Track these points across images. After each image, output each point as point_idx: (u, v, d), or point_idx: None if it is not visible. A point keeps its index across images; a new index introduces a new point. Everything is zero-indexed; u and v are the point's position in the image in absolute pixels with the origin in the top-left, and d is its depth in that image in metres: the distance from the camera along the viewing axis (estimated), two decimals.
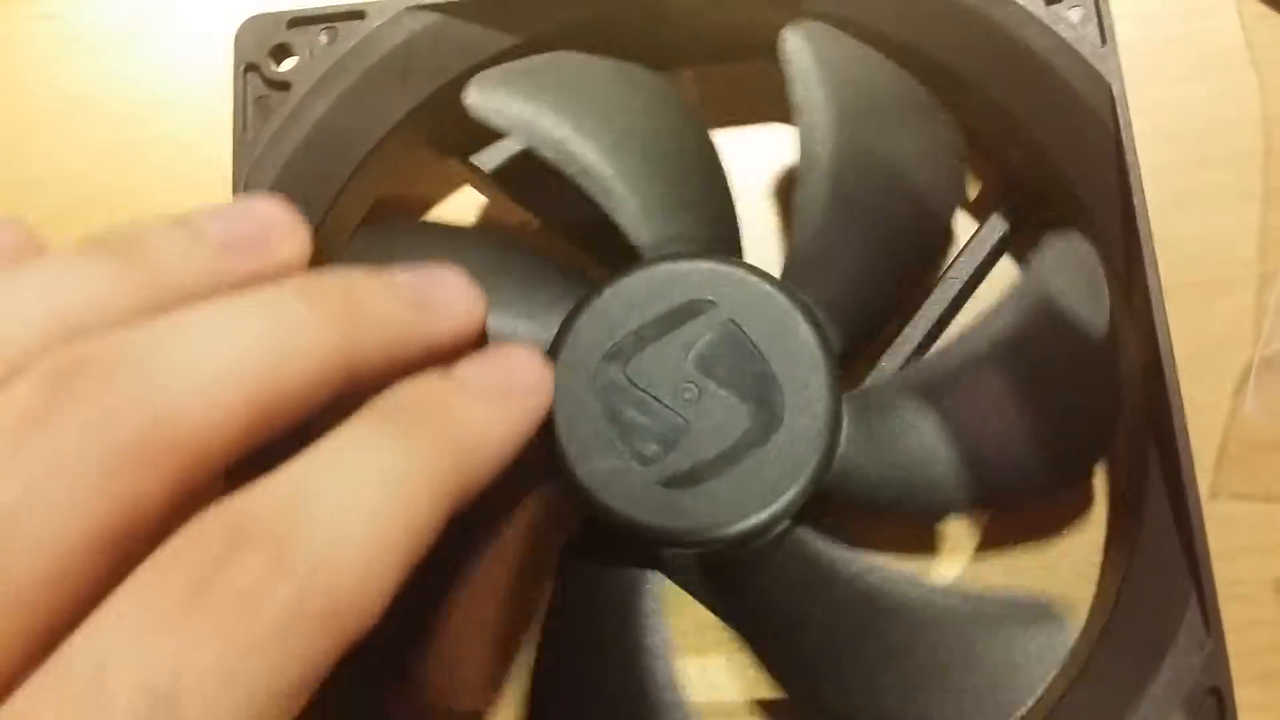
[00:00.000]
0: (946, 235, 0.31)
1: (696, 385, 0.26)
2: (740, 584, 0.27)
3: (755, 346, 0.26)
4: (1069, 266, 0.27)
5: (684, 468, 0.25)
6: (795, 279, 0.28)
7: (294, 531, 0.15)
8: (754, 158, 0.33)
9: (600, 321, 0.26)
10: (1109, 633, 0.26)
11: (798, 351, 0.26)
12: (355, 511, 0.16)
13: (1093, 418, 0.28)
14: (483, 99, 0.28)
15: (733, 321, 0.26)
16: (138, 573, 0.15)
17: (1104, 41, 0.29)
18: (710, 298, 0.26)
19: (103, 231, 0.18)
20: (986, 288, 0.31)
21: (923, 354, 0.31)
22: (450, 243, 0.30)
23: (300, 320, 0.17)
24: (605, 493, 0.25)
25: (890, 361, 0.31)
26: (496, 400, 0.20)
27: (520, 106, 0.28)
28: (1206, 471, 0.30)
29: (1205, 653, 0.25)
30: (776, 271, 0.28)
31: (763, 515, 0.25)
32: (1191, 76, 0.33)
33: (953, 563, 0.30)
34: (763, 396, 0.26)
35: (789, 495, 0.25)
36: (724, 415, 0.26)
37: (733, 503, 0.25)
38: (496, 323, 0.27)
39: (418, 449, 0.17)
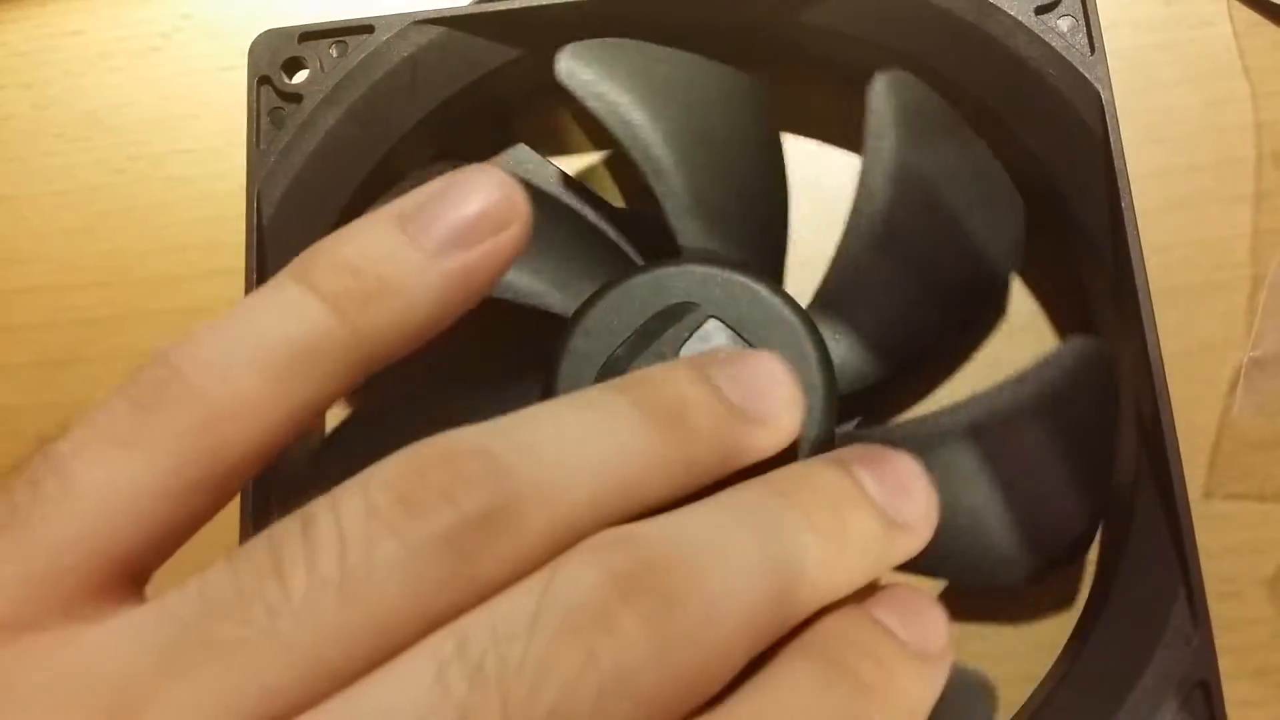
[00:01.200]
0: (999, 294, 0.31)
1: None
2: None
3: None
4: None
5: None
6: (829, 300, 0.29)
7: None
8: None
9: (617, 308, 0.27)
10: (1099, 628, 0.27)
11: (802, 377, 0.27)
12: None
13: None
14: (572, 68, 0.29)
15: (740, 337, 0.27)
16: None
17: (1093, 50, 0.29)
18: (722, 310, 0.27)
19: (627, 378, 0.18)
20: None
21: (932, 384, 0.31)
22: None
23: (796, 548, 0.17)
24: None
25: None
26: (923, 662, 0.18)
27: (604, 83, 0.29)
28: (1200, 471, 0.30)
29: (1193, 646, 0.25)
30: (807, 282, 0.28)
31: None
32: (1184, 83, 0.33)
33: None
34: None
35: None
36: None
37: None
38: (528, 282, 0.28)
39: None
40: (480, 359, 0.32)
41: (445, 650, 0.14)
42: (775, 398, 0.18)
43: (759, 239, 0.30)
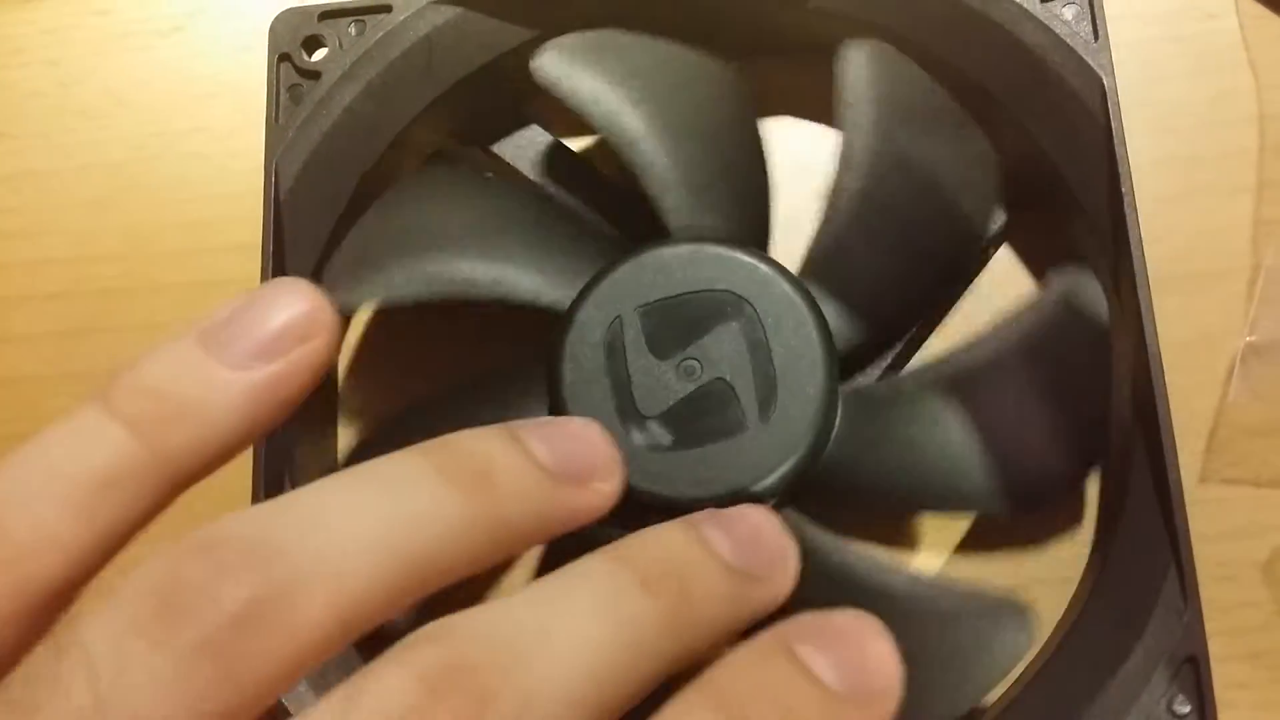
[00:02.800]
0: (976, 253, 0.32)
1: (699, 361, 0.28)
2: None
3: (762, 333, 0.28)
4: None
5: (677, 437, 0.27)
6: (816, 269, 0.29)
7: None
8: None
9: (615, 293, 0.28)
10: (1091, 604, 0.27)
11: (799, 341, 0.28)
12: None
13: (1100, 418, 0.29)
14: (551, 64, 0.29)
15: (744, 308, 0.28)
16: None
17: (1097, 37, 0.30)
18: (724, 284, 0.28)
19: (430, 442, 0.17)
20: (985, 277, 0.32)
21: (921, 340, 0.32)
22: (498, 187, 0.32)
23: (641, 625, 0.16)
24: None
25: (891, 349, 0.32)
26: (856, 707, 0.16)
27: (585, 76, 0.30)
28: (1197, 456, 0.31)
29: (1183, 622, 0.26)
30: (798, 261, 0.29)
31: (752, 488, 0.27)
32: (1190, 75, 0.34)
33: (940, 539, 0.31)
34: (762, 380, 0.27)
35: (779, 473, 0.27)
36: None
37: (721, 473, 0.27)
38: (526, 279, 0.28)
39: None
40: (491, 359, 0.33)
41: None
42: (592, 459, 0.18)
43: (744, 215, 0.31)
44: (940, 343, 0.32)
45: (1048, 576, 0.30)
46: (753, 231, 0.31)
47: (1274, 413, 0.30)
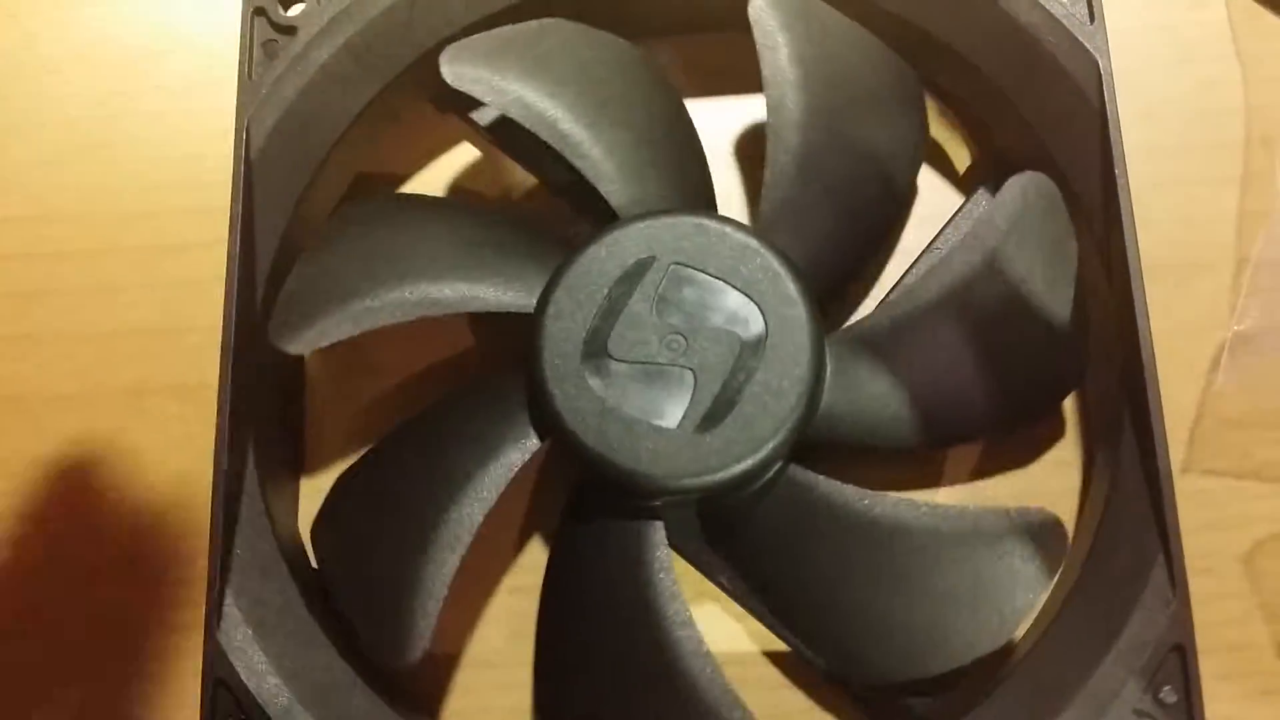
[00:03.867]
0: (906, 202, 0.32)
1: (684, 336, 0.27)
2: (741, 528, 0.28)
3: (745, 296, 0.27)
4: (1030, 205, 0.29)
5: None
6: (764, 238, 0.28)
7: None
8: (729, 126, 0.34)
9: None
10: (1079, 592, 0.27)
11: (782, 303, 0.27)
12: None
13: (1046, 360, 0.29)
14: (460, 70, 0.28)
15: (718, 278, 0.27)
16: None
17: (1092, 19, 0.29)
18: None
19: None
20: None
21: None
22: (432, 213, 0.30)
23: None
24: (601, 444, 0.26)
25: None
26: None
27: (498, 76, 0.29)
28: (1179, 447, 0.30)
29: (1170, 610, 0.25)
30: None
31: (758, 457, 0.26)
32: (1178, 65, 0.33)
33: None
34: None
35: (780, 437, 0.26)
36: (713, 363, 0.27)
37: (727, 448, 0.26)
38: (478, 290, 0.27)
39: None
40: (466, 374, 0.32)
41: None
42: None
43: (686, 186, 0.30)
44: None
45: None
46: (696, 200, 0.30)
47: (1256, 404, 0.30)
